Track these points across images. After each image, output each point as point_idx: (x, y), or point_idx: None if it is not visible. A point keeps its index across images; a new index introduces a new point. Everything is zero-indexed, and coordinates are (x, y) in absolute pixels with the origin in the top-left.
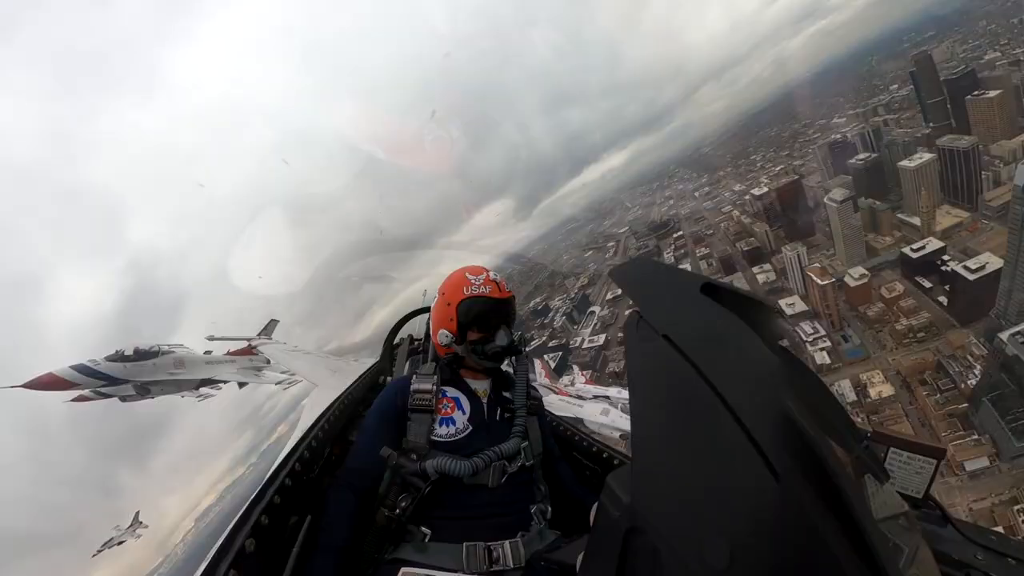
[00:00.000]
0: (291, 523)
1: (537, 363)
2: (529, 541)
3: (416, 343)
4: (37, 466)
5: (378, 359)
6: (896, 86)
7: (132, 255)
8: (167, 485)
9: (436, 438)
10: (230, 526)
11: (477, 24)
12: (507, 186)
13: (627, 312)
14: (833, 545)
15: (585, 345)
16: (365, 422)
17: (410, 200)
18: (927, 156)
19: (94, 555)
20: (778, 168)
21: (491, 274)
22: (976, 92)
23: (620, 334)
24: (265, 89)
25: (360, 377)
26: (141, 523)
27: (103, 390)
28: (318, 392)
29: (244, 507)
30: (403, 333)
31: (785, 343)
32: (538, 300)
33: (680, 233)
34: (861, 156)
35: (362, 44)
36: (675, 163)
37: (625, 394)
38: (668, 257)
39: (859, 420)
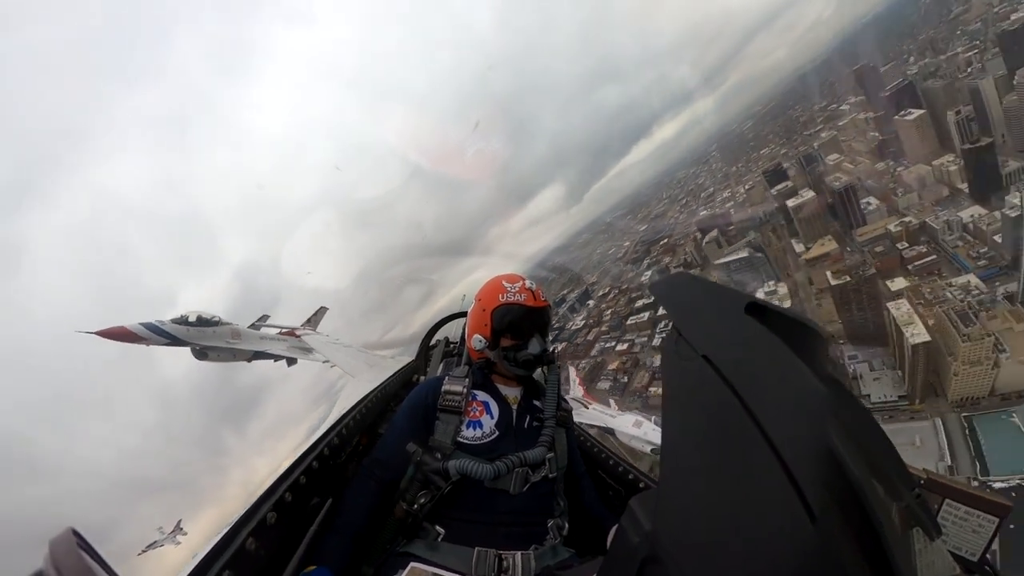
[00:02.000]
0: (313, 503)
1: (572, 371)
2: (541, 555)
3: (452, 346)
4: (157, 421)
5: (414, 358)
6: (912, 58)
7: (235, 267)
8: (258, 447)
9: (462, 439)
10: (256, 498)
11: (507, 21)
12: (555, 175)
13: (662, 329)
14: None
15: (572, 328)
16: (395, 417)
17: (463, 204)
18: (808, 195)
19: (139, 554)
20: (768, 169)
21: (527, 282)
22: (903, 112)
23: (603, 329)
24: (325, 112)
25: (395, 373)
26: (182, 530)
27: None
28: (354, 383)
29: (271, 482)
30: (440, 335)
31: (835, 372)
32: (565, 292)
33: (665, 240)
34: (779, 186)
35: (407, 63)
36: (721, 138)
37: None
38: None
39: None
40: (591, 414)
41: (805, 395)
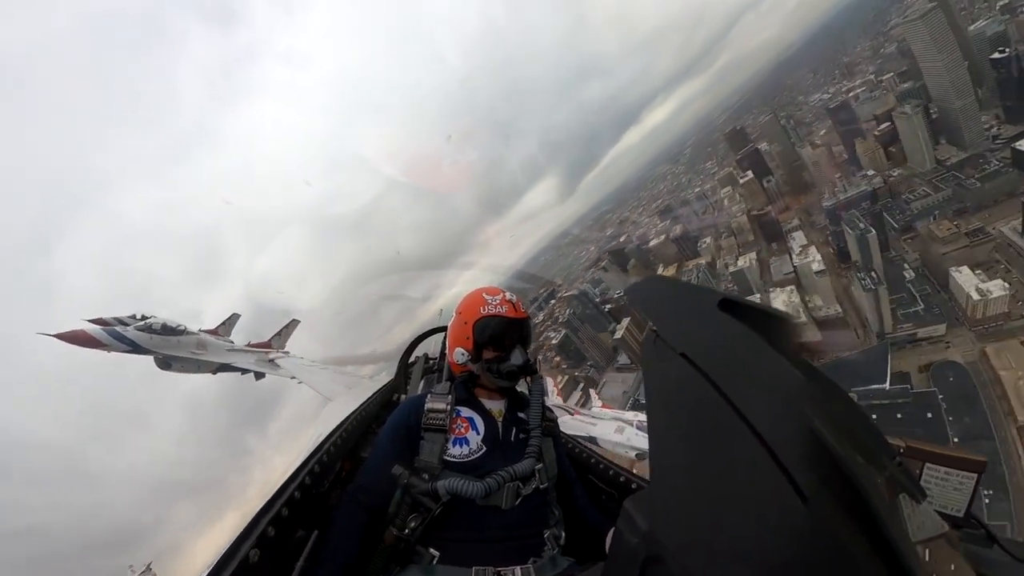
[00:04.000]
0: (297, 537)
1: (548, 381)
2: (541, 568)
3: (431, 362)
4: (188, 430)
5: (393, 377)
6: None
7: (247, 282)
8: (278, 447)
9: (449, 458)
10: (237, 535)
11: (486, 30)
12: (548, 170)
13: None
14: (868, 572)
15: (535, 323)
16: (378, 439)
17: (460, 210)
18: (661, 238)
19: None
20: (660, 209)
21: (507, 295)
22: (741, 175)
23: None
24: (314, 124)
25: (374, 394)
26: (152, 572)
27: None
28: (333, 407)
29: (252, 517)
30: (418, 352)
31: (809, 358)
32: (541, 292)
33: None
34: (663, 223)
35: (386, 78)
36: (699, 132)
37: (642, 416)
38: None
39: None
40: (572, 423)
41: (783, 382)
